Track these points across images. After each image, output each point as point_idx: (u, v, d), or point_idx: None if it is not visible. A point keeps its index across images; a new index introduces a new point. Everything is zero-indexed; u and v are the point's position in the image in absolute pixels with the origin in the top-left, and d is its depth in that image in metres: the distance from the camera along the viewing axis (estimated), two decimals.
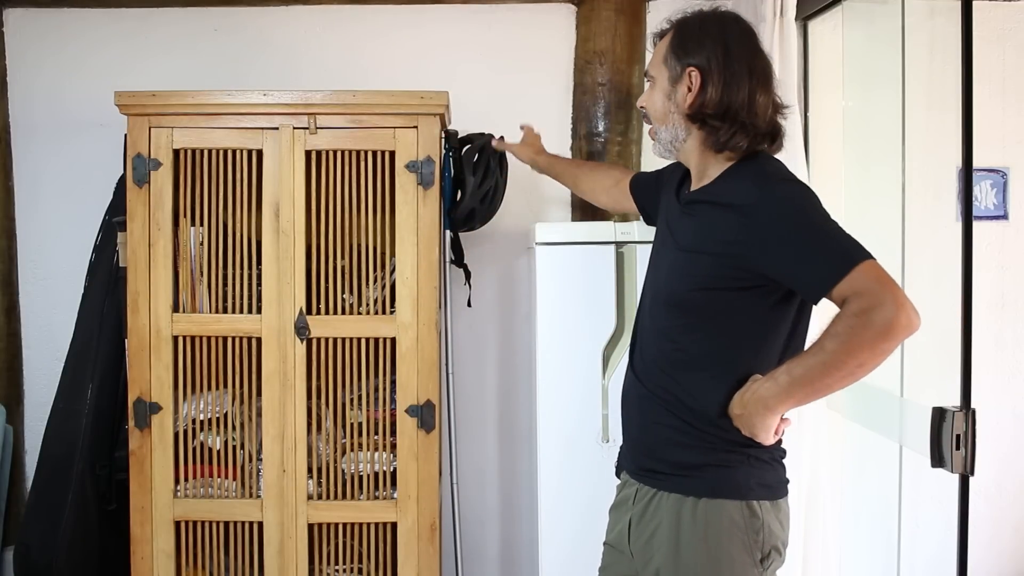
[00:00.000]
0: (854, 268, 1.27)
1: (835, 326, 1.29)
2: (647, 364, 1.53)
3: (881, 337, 1.25)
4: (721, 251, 1.40)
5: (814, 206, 1.36)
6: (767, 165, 1.46)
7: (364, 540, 2.16)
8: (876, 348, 1.26)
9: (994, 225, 2.69)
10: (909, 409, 1.99)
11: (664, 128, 1.51)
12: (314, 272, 2.13)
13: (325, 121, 2.08)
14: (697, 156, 1.51)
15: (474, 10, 2.68)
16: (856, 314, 1.26)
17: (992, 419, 2.62)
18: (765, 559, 1.43)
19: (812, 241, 1.32)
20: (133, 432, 2.10)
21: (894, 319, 1.24)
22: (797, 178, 1.45)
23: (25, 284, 2.68)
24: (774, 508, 1.45)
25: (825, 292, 1.30)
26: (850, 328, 1.26)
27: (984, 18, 2.61)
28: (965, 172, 1.82)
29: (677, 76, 1.48)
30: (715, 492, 1.42)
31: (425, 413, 2.10)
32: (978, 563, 2.65)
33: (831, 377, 1.30)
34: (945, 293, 1.84)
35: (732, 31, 1.48)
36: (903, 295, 1.26)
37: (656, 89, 1.52)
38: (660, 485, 1.48)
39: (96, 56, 2.64)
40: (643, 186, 1.86)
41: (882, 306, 1.24)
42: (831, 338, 1.29)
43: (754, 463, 1.44)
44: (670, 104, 1.49)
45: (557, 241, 2.23)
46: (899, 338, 1.26)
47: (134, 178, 2.08)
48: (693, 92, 1.46)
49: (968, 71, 1.78)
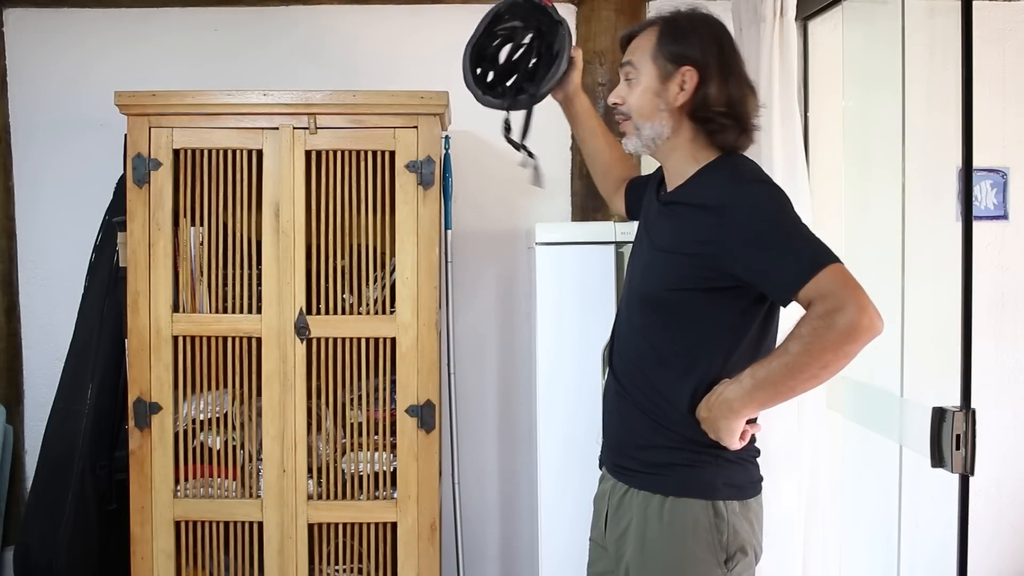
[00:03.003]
0: (820, 271, 1.29)
1: (799, 328, 1.31)
2: (624, 363, 1.56)
3: (844, 339, 1.27)
4: (695, 251, 1.41)
5: (784, 208, 1.38)
6: (741, 165, 1.48)
7: (364, 540, 2.16)
8: (840, 350, 1.28)
9: (994, 225, 2.70)
10: (909, 409, 1.99)
11: (649, 124, 1.52)
12: (314, 272, 2.13)
13: (325, 121, 2.08)
14: (677, 154, 1.52)
15: (474, 10, 2.65)
16: (820, 316, 1.28)
17: (992, 419, 2.62)
18: (730, 560, 1.44)
19: (780, 243, 1.34)
20: (133, 432, 2.10)
21: (856, 321, 1.26)
22: (769, 179, 1.47)
23: (25, 284, 2.68)
24: (743, 508, 1.46)
25: (792, 293, 1.32)
26: (814, 330, 1.28)
27: (984, 18, 2.61)
28: (965, 172, 1.82)
29: (669, 73, 1.49)
30: (681, 491, 1.44)
31: (425, 413, 2.11)
32: (978, 563, 2.65)
33: (795, 379, 1.33)
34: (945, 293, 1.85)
35: (721, 31, 1.51)
36: (866, 298, 1.27)
37: (639, 85, 1.52)
38: (631, 482, 1.51)
39: (96, 56, 2.64)
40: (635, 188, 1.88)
41: (845, 309, 1.26)
42: (795, 340, 1.31)
43: (722, 463, 1.46)
44: (659, 101, 1.50)
45: (557, 241, 2.23)
46: (862, 341, 1.28)
47: (134, 178, 2.08)
48: (688, 90, 1.47)
49: (968, 71, 1.79)
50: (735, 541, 1.44)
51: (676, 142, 1.51)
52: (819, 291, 1.29)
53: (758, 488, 1.51)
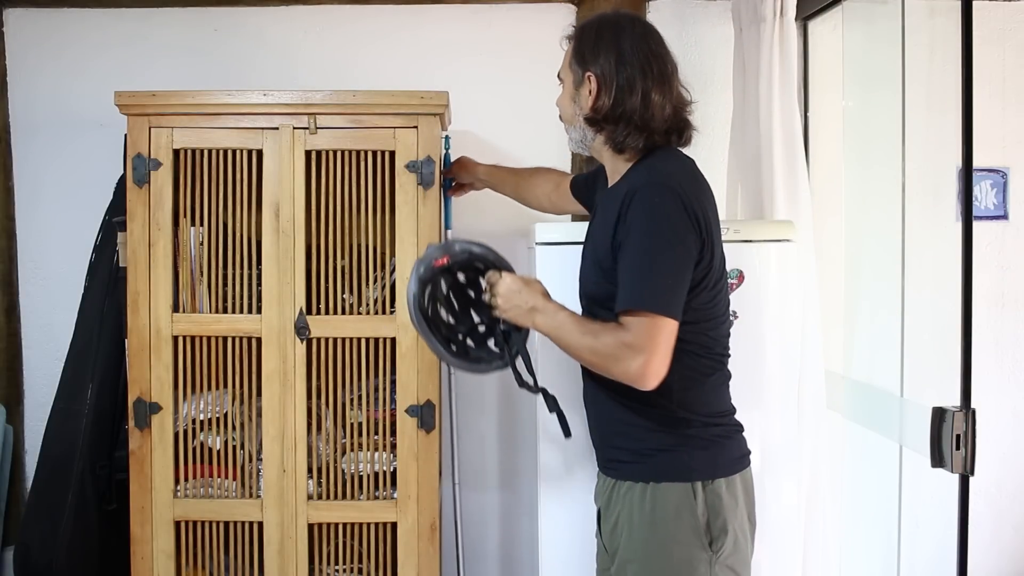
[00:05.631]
0: (644, 312, 1.39)
1: (605, 335, 1.43)
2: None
3: (620, 372, 1.41)
4: (609, 242, 1.48)
5: (668, 228, 1.42)
6: (659, 162, 1.52)
7: (364, 540, 2.16)
8: (610, 372, 1.43)
9: (994, 225, 2.70)
10: (909, 409, 1.99)
11: (572, 128, 1.60)
12: (314, 272, 2.13)
13: (325, 121, 2.08)
14: (605, 155, 1.59)
15: (474, 10, 2.68)
16: (620, 344, 1.40)
17: (992, 419, 2.63)
18: (714, 541, 1.46)
19: (639, 262, 1.42)
20: (133, 432, 2.10)
21: (637, 371, 1.39)
22: (677, 185, 1.46)
23: (25, 284, 2.68)
24: (729, 485, 1.49)
25: (619, 310, 1.43)
26: (607, 348, 1.42)
27: (984, 18, 2.61)
28: (965, 172, 1.83)
29: (579, 80, 1.55)
30: (660, 476, 1.48)
31: (425, 413, 2.11)
32: (978, 563, 2.65)
33: (570, 349, 1.49)
34: (945, 293, 1.85)
35: (626, 35, 1.53)
36: (658, 360, 1.39)
37: (563, 91, 1.61)
38: (616, 474, 1.56)
39: (96, 56, 2.64)
40: (583, 186, 1.94)
41: (636, 357, 1.38)
42: (592, 336, 1.44)
43: (697, 443, 1.50)
44: (575, 107, 1.57)
45: (557, 241, 2.22)
46: (628, 382, 1.41)
47: (134, 178, 2.08)
48: (592, 96, 1.53)
49: (968, 71, 1.79)
50: (717, 521, 1.47)
51: (599, 145, 1.58)
52: (631, 327, 1.40)
53: (744, 463, 1.55)
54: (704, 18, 1.88)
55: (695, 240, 1.43)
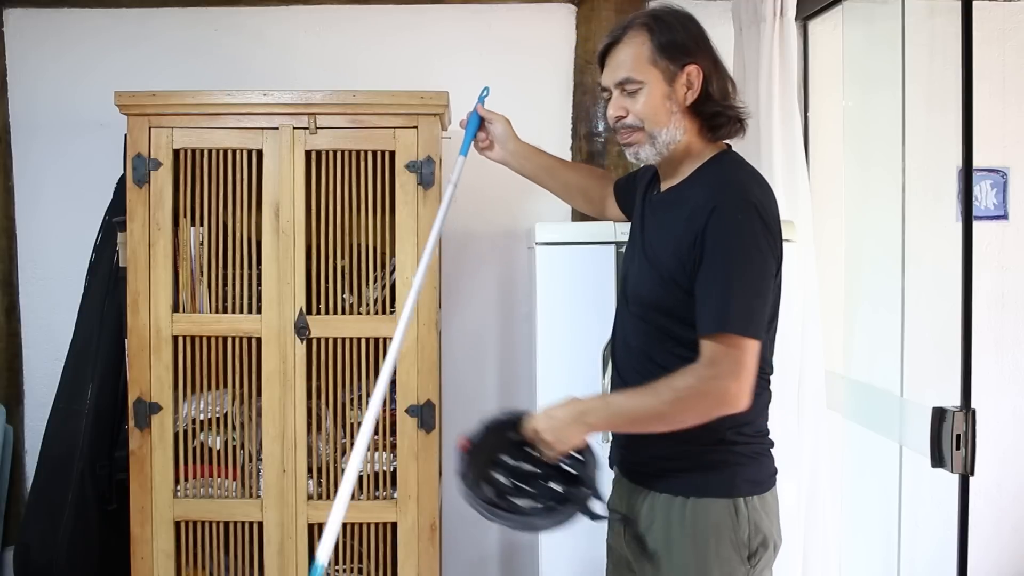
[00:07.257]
0: (727, 334, 1.35)
1: (679, 379, 1.37)
2: (628, 361, 1.56)
3: (713, 404, 1.36)
4: (685, 252, 1.42)
5: (752, 247, 1.39)
6: (731, 172, 1.48)
7: (364, 540, 2.16)
8: (703, 410, 1.38)
9: (994, 225, 2.70)
10: (909, 409, 2.00)
11: (664, 129, 1.49)
12: (314, 272, 2.13)
13: (325, 121, 2.08)
14: (679, 154, 1.51)
15: (474, 10, 2.68)
16: (707, 377, 1.36)
17: (992, 419, 2.62)
18: (753, 556, 1.45)
19: (724, 283, 1.37)
20: (133, 432, 2.10)
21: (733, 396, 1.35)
22: (757, 201, 1.42)
23: (25, 284, 2.68)
24: (761, 502, 1.47)
25: (705, 332, 1.37)
26: (692, 390, 1.36)
27: (984, 18, 2.61)
28: (965, 172, 1.83)
29: (673, 75, 1.47)
30: (701, 491, 1.45)
31: (425, 413, 2.11)
32: (978, 563, 2.65)
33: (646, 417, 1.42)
34: (945, 293, 1.85)
35: (700, 27, 1.53)
36: (749, 381, 1.36)
37: (647, 92, 1.48)
38: (650, 485, 1.51)
39: (96, 56, 2.64)
40: (623, 190, 1.86)
41: (730, 382, 1.35)
42: (668, 388, 1.38)
43: (740, 459, 1.46)
44: (670, 104, 1.48)
45: (557, 241, 2.22)
46: (725, 410, 1.37)
47: (134, 178, 2.08)
48: (695, 88, 1.47)
49: (968, 71, 1.79)
50: (756, 536, 1.44)
51: (683, 142, 1.51)
52: (715, 354, 1.36)
53: (773, 480, 1.52)
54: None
55: (774, 259, 1.42)
